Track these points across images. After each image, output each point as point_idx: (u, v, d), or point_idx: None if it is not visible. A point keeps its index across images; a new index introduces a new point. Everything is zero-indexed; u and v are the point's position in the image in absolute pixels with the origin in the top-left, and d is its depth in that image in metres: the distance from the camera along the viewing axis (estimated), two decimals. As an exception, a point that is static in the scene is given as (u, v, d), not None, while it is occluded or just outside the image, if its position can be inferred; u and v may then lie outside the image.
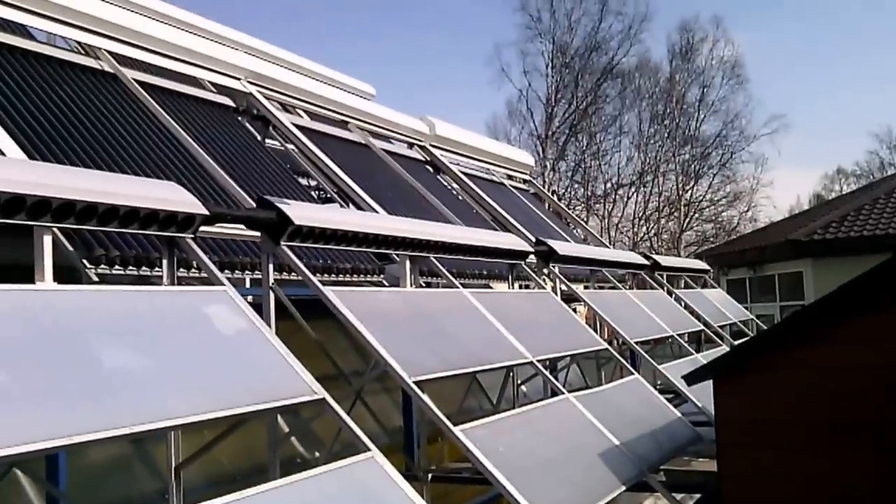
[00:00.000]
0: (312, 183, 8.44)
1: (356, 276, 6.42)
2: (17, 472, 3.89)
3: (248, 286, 5.52)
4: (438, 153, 10.85)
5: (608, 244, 16.82)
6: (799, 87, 66.68)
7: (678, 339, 8.72)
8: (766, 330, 5.97)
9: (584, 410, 5.53)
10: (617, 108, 44.21)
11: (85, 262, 4.34)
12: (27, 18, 6.13)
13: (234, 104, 7.81)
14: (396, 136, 10.49)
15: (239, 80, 7.98)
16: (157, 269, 4.59)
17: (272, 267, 4.58)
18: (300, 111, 9.35)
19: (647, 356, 7.42)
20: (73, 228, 3.70)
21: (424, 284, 6.56)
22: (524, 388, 7.24)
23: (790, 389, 4.79)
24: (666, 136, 44.40)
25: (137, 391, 2.95)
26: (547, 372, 5.79)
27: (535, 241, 7.98)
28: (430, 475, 5.80)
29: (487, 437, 4.40)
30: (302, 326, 5.05)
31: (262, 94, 8.08)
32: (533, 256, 7.58)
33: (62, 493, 3.70)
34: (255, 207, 4.75)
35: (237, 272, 5.35)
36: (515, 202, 11.69)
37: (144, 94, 6.45)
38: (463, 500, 5.98)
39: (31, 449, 2.45)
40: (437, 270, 6.13)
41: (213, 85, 7.83)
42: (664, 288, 10.39)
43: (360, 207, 7.28)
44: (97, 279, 4.34)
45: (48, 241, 3.40)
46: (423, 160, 10.63)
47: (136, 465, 4.68)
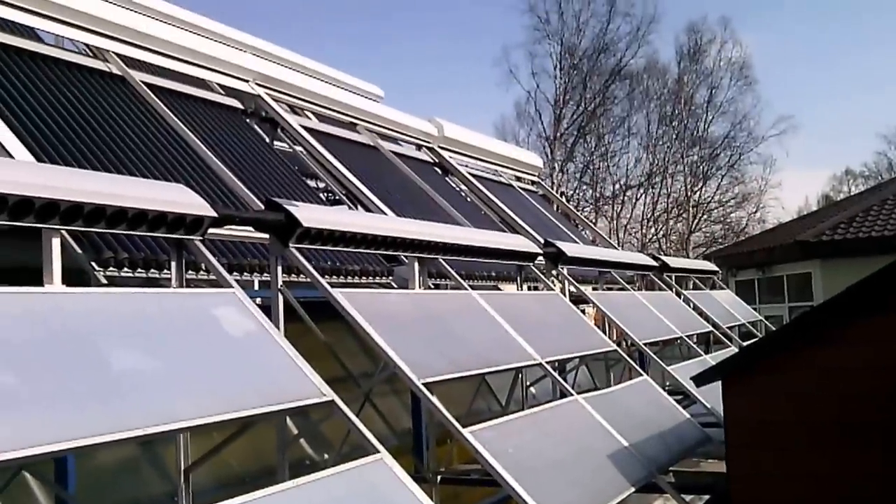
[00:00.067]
0: (321, 185, 8.45)
1: (365, 277, 6.42)
2: (26, 474, 3.89)
3: (256, 288, 5.52)
4: (447, 155, 10.85)
5: (616, 245, 16.80)
6: (807, 88, 66.61)
7: (687, 340, 8.70)
8: (774, 331, 5.97)
9: (592, 412, 5.51)
10: (625, 109, 44.22)
11: (93, 264, 4.34)
12: (35, 21, 6.15)
13: (242, 106, 7.82)
14: (405, 137, 10.50)
15: (247, 81, 7.99)
16: (165, 271, 4.59)
17: (281, 269, 4.58)
18: (308, 113, 9.36)
19: (655, 357, 7.41)
20: (81, 231, 3.70)
21: (433, 286, 6.56)
22: (533, 389, 7.23)
23: (799, 390, 4.79)
24: (674, 137, 44.34)
25: (146, 393, 2.95)
26: (556, 373, 5.77)
27: (543, 242, 7.97)
28: (439, 477, 5.79)
29: (496, 438, 4.39)
30: (311, 328, 5.05)
31: (270, 95, 8.09)
32: (541, 258, 7.57)
33: (71, 495, 3.70)
34: (263, 209, 4.74)
35: (246, 274, 5.35)
36: (524, 204, 11.69)
37: (152, 96, 6.46)
38: (472, 501, 5.97)
39: (40, 451, 2.45)
40: (445, 272, 6.12)
41: (221, 87, 7.84)
42: (673, 289, 10.38)
43: (368, 209, 7.28)
44: (106, 281, 4.34)
45: (56, 243, 3.40)
46: (431, 162, 10.63)
47: (145, 467, 4.68)
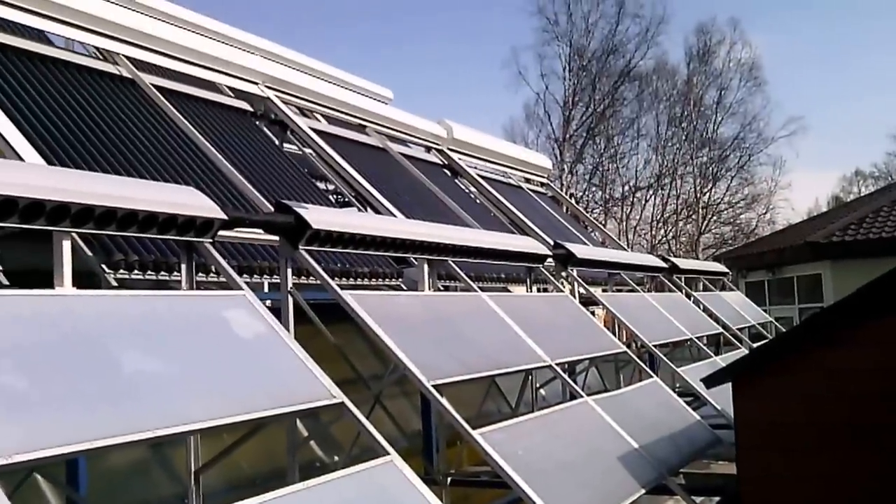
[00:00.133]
0: (330, 187, 8.45)
1: (374, 279, 6.42)
2: (37, 476, 3.90)
3: (266, 290, 5.53)
4: (456, 157, 10.85)
5: (626, 247, 16.78)
6: (817, 89, 66.35)
7: (697, 341, 8.68)
8: (785, 332, 5.96)
9: (602, 414, 5.51)
10: (634, 110, 44.13)
11: (104, 266, 4.35)
12: (45, 24, 6.16)
13: (251, 108, 7.83)
14: (414, 139, 10.50)
15: (257, 84, 8.00)
16: (175, 273, 4.60)
17: (290, 271, 4.59)
18: (318, 115, 9.36)
19: (665, 359, 7.39)
20: (92, 233, 3.71)
21: (442, 288, 6.56)
22: (543, 391, 7.23)
23: (809, 392, 4.77)
24: (683, 138, 44.25)
25: (157, 396, 2.96)
26: (565, 375, 5.76)
27: (552, 244, 7.97)
28: (448, 479, 5.79)
29: (506, 440, 4.39)
30: (320, 330, 5.05)
31: (279, 98, 8.10)
32: (551, 260, 7.57)
33: (82, 497, 3.71)
34: (273, 212, 4.75)
35: (256, 276, 5.36)
36: (533, 205, 11.68)
37: (162, 98, 6.47)
38: (482, 503, 5.97)
39: (51, 454, 2.46)
40: (454, 274, 6.12)
41: (230, 89, 7.85)
42: (682, 291, 10.36)
43: (377, 211, 7.29)
44: (116, 284, 4.35)
45: (67, 245, 3.41)
46: (440, 164, 10.63)
47: (155, 469, 4.69)
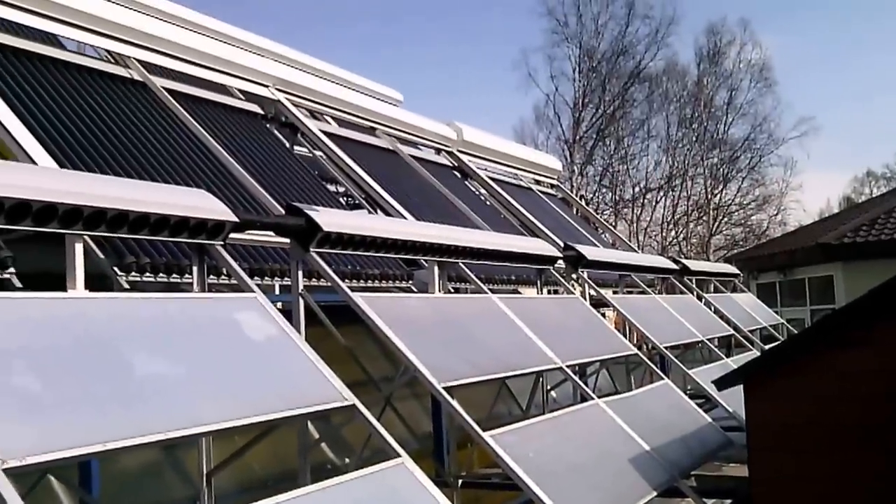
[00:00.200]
0: (341, 189, 8.46)
1: (385, 281, 6.43)
2: (51, 478, 3.91)
3: (277, 293, 5.54)
4: (466, 158, 10.85)
5: (637, 249, 16.75)
6: (828, 89, 66.14)
7: (708, 343, 8.67)
8: (796, 334, 5.94)
9: (614, 416, 5.50)
10: (644, 112, 44.16)
11: (116, 269, 4.37)
12: (57, 28, 6.19)
13: (262, 111, 7.85)
14: (424, 141, 10.51)
15: (267, 87, 8.02)
16: (187, 276, 4.60)
17: (301, 273, 4.59)
18: (328, 118, 9.38)
19: (676, 361, 7.38)
20: (104, 236, 3.72)
21: (453, 290, 6.57)
22: (554, 393, 7.22)
23: (821, 393, 4.76)
24: (694, 139, 44.22)
25: (169, 398, 2.97)
26: (576, 377, 5.76)
27: (563, 246, 7.96)
28: (460, 481, 5.79)
29: (517, 442, 4.39)
30: (331, 332, 5.06)
31: (290, 101, 8.12)
32: (561, 261, 7.56)
33: (95, 499, 3.72)
34: (284, 214, 4.75)
35: (267, 279, 5.37)
36: (543, 207, 11.67)
37: (173, 102, 6.49)
38: (493, 506, 5.98)
39: (64, 455, 2.47)
40: (465, 276, 6.12)
41: (241, 92, 7.87)
42: (693, 292, 10.33)
43: (388, 213, 7.29)
44: (128, 286, 4.36)
45: (80, 248, 3.43)
46: (450, 166, 10.64)
47: (167, 471, 4.70)
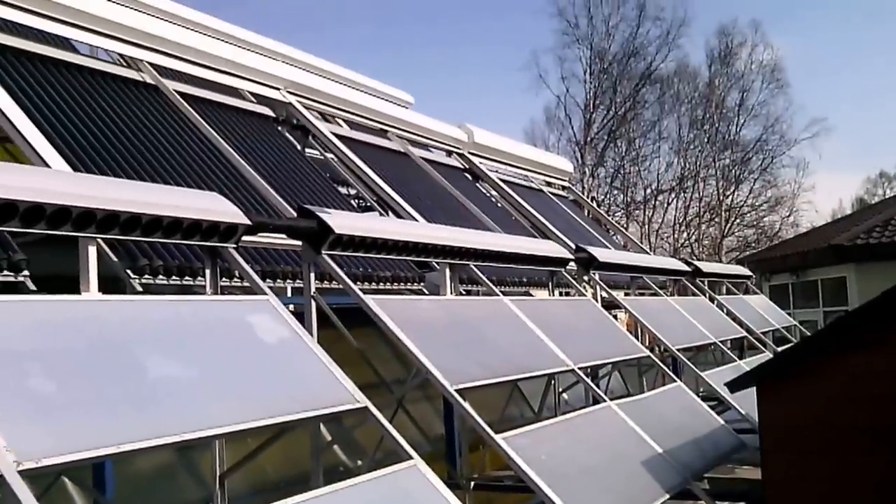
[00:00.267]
0: (352, 191, 8.48)
1: (396, 284, 6.43)
2: (65, 479, 3.92)
3: (289, 295, 5.55)
4: (477, 160, 10.86)
5: (648, 250, 16.73)
6: (840, 90, 65.97)
7: (720, 345, 8.65)
8: (809, 336, 5.92)
9: (626, 418, 5.49)
10: (656, 113, 44.06)
11: (129, 272, 4.38)
12: (70, 32, 6.22)
13: (273, 114, 7.87)
14: (435, 143, 10.52)
15: (278, 90, 8.04)
16: (199, 278, 4.62)
17: (313, 275, 4.60)
18: (339, 120, 9.40)
19: (689, 363, 7.37)
20: (117, 239, 3.74)
21: (464, 292, 6.56)
22: (566, 395, 7.22)
23: (835, 395, 4.74)
24: (706, 141, 44.11)
25: (182, 400, 2.97)
26: (588, 379, 5.76)
27: (574, 247, 7.95)
28: (472, 483, 5.79)
29: (529, 445, 4.38)
30: (343, 335, 5.06)
31: (301, 103, 8.13)
32: (573, 263, 7.55)
33: (109, 500, 3.73)
34: (295, 217, 4.76)
35: (279, 281, 5.38)
36: (554, 209, 11.67)
37: (185, 104, 6.51)
38: (505, 508, 5.97)
39: (79, 457, 2.48)
40: (476, 278, 6.12)
41: (252, 95, 7.89)
42: (706, 294, 10.31)
43: (399, 216, 7.30)
44: (141, 289, 4.38)
45: (93, 251, 3.44)
46: (461, 168, 10.64)
47: (181, 473, 4.71)
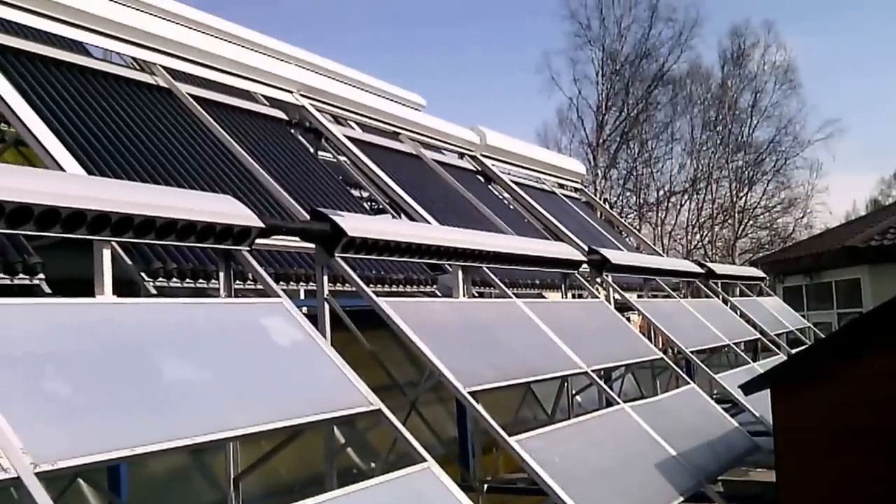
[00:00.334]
0: (365, 194, 8.50)
1: (409, 286, 6.44)
2: (80, 482, 3.94)
3: (302, 297, 5.56)
4: (489, 163, 10.86)
5: (661, 252, 16.70)
6: (854, 91, 65.46)
7: (734, 347, 8.63)
8: (824, 338, 5.90)
9: (639, 420, 5.48)
10: (668, 114, 43.91)
11: (143, 275, 4.39)
12: (84, 35, 6.25)
13: (286, 117, 7.88)
14: (447, 146, 10.52)
15: (291, 93, 8.05)
16: (213, 281, 4.64)
17: (326, 278, 4.61)
18: (352, 123, 9.41)
19: (702, 365, 7.35)
20: (131, 242, 3.75)
21: (477, 294, 6.56)
22: (579, 398, 7.20)
23: (850, 397, 4.71)
24: (718, 142, 43.97)
25: (197, 403, 2.98)
26: (602, 382, 5.75)
27: (587, 249, 7.94)
28: (485, 486, 5.79)
29: (543, 447, 4.38)
30: (356, 337, 5.08)
31: (314, 106, 8.15)
32: (586, 265, 7.54)
33: (124, 503, 3.75)
34: (309, 220, 4.77)
35: (292, 284, 5.39)
36: (567, 211, 11.66)
37: (199, 108, 6.53)
38: (518, 510, 5.97)
39: (95, 460, 2.49)
40: (489, 280, 6.12)
41: (265, 98, 7.91)
42: (719, 296, 10.28)
43: (412, 218, 7.31)
44: (155, 292, 4.39)
45: (107, 254, 3.45)
46: (473, 170, 10.64)
47: (195, 475, 4.72)
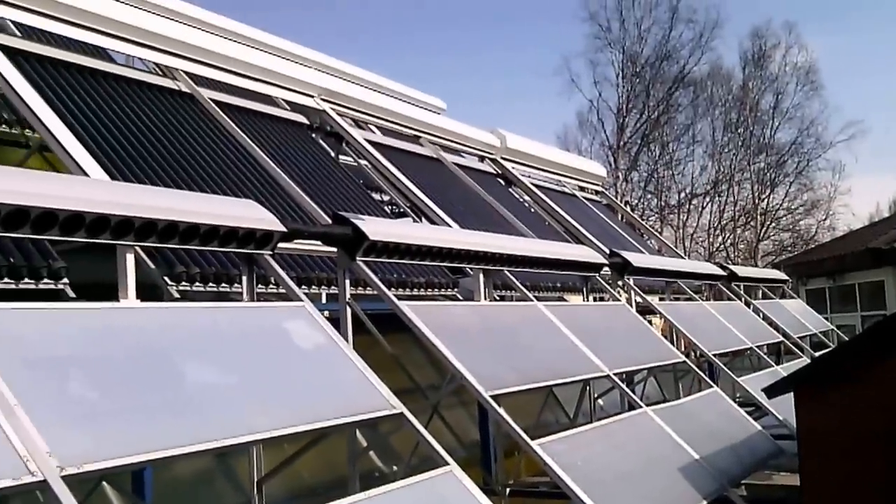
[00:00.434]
0: (385, 198, 8.50)
1: (430, 290, 6.44)
2: (105, 485, 3.96)
3: (324, 301, 5.57)
4: (509, 166, 10.85)
5: (683, 255, 16.63)
6: (876, 91, 64.92)
7: (757, 350, 8.58)
8: (848, 340, 5.86)
9: (662, 424, 5.47)
10: (689, 116, 43.69)
11: (166, 279, 4.41)
12: (107, 42, 6.28)
13: (307, 121, 7.90)
14: (467, 149, 10.52)
15: (312, 97, 8.07)
16: (236, 285, 4.65)
17: (348, 282, 4.62)
18: (372, 127, 9.42)
19: (725, 369, 7.32)
20: (154, 247, 3.77)
21: (498, 298, 6.56)
22: (601, 401, 7.19)
23: (874, 400, 4.68)
24: (740, 144, 43.74)
25: (220, 406, 3.00)
26: (624, 385, 5.73)
27: (608, 252, 7.93)
28: (507, 489, 5.78)
29: (565, 451, 4.38)
30: (378, 340, 5.08)
31: (335, 110, 8.16)
32: (607, 268, 7.53)
33: (147, 506, 3.77)
34: (330, 224, 4.79)
35: (314, 287, 5.40)
36: (588, 213, 11.63)
37: (221, 113, 6.55)
38: (540, 514, 5.95)
39: (120, 463, 2.50)
40: (510, 283, 6.12)
41: (287, 103, 7.93)
42: (741, 299, 10.24)
43: (432, 221, 7.31)
44: (178, 296, 4.41)
45: (131, 259, 3.48)
46: (494, 173, 10.64)
47: (219, 478, 4.74)
